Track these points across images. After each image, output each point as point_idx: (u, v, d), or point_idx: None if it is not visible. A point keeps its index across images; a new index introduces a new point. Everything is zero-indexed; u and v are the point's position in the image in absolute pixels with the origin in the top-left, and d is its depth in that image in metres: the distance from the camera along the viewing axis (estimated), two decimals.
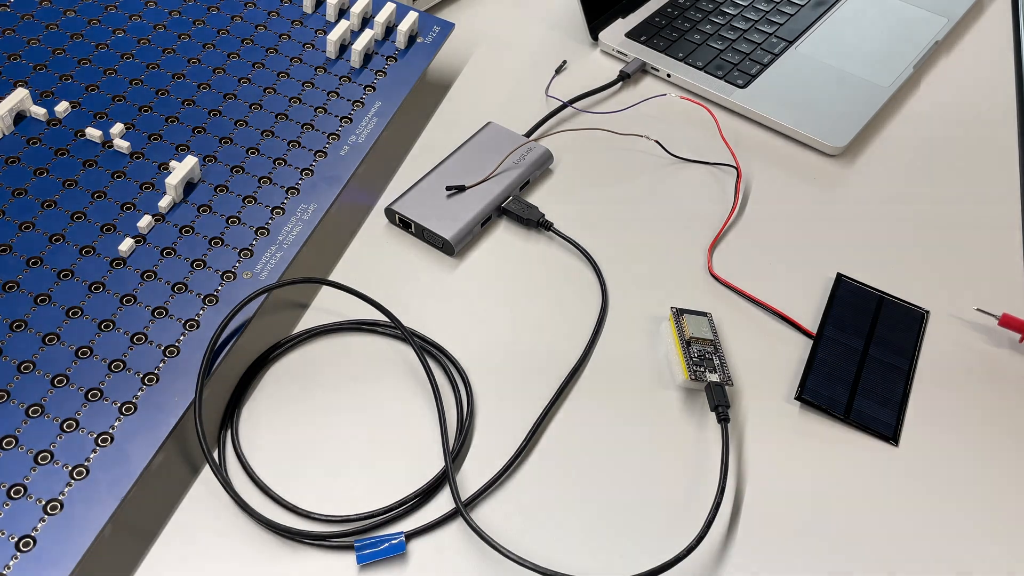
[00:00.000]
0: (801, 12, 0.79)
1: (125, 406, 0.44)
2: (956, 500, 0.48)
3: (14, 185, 0.52)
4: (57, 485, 0.41)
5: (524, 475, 0.47)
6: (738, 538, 0.45)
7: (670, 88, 0.73)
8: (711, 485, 0.47)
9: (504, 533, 0.45)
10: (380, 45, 0.65)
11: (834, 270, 0.59)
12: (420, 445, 0.48)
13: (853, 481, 0.48)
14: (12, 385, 0.44)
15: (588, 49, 0.76)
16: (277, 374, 0.50)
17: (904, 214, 0.63)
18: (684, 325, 0.53)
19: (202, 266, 0.51)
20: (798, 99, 0.70)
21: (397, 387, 0.50)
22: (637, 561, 0.44)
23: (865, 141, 0.69)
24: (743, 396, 0.52)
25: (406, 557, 0.44)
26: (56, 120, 0.56)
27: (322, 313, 0.54)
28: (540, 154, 0.63)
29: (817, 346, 0.54)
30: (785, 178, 0.65)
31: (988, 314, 0.55)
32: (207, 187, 0.54)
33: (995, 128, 0.71)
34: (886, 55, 0.75)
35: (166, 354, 0.47)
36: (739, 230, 0.61)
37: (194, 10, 0.64)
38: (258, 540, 0.44)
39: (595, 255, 0.58)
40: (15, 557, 0.39)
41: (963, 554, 0.46)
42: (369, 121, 0.60)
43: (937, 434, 0.51)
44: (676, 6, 0.79)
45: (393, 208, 0.58)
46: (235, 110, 0.59)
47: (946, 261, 0.60)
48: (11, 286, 0.48)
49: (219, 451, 0.47)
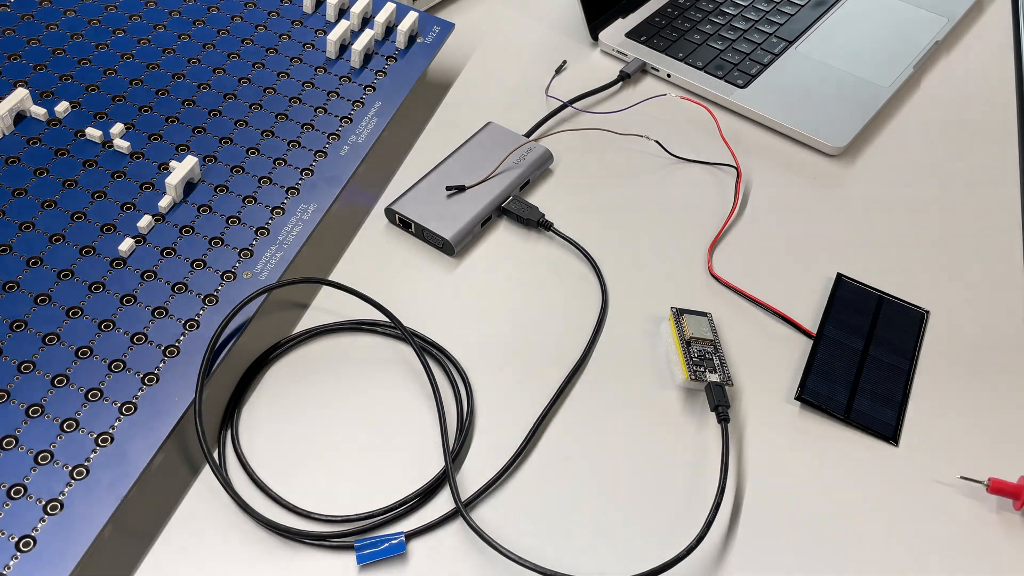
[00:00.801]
0: (801, 12, 0.79)
1: (125, 406, 0.44)
2: (956, 500, 0.48)
3: (14, 185, 0.52)
4: (57, 485, 0.41)
5: (524, 475, 0.47)
6: (738, 538, 0.45)
7: (670, 88, 0.73)
8: (711, 485, 0.47)
9: (504, 533, 0.45)
10: (380, 45, 0.65)
11: (834, 270, 0.59)
12: (420, 445, 0.48)
13: (853, 481, 0.48)
14: (12, 385, 0.44)
15: (588, 49, 0.76)
16: (277, 374, 0.50)
17: (904, 214, 0.63)
18: (684, 325, 0.53)
19: (202, 266, 0.51)
20: (798, 99, 0.70)
21: (397, 387, 0.50)
22: (637, 561, 0.44)
23: (865, 141, 0.69)
24: (743, 396, 0.52)
25: (406, 557, 0.44)
26: (56, 120, 0.56)
27: (322, 313, 0.54)
28: (540, 154, 0.63)
29: (817, 346, 0.54)
30: (785, 178, 0.65)
31: (975, 481, 0.48)
32: (207, 187, 0.54)
33: (995, 128, 0.71)
34: (886, 55, 0.75)
35: (166, 354, 0.47)
36: (739, 230, 0.61)
37: (194, 10, 0.64)
38: (258, 540, 0.44)
39: (595, 255, 0.58)
40: (15, 557, 0.39)
41: (963, 554, 0.46)
42: (369, 121, 0.60)
43: (937, 434, 0.51)
44: (676, 6, 0.79)
45: (393, 208, 0.58)
46: (235, 110, 0.59)
47: (946, 261, 0.60)
48: (11, 286, 0.48)
49: (219, 451, 0.47)
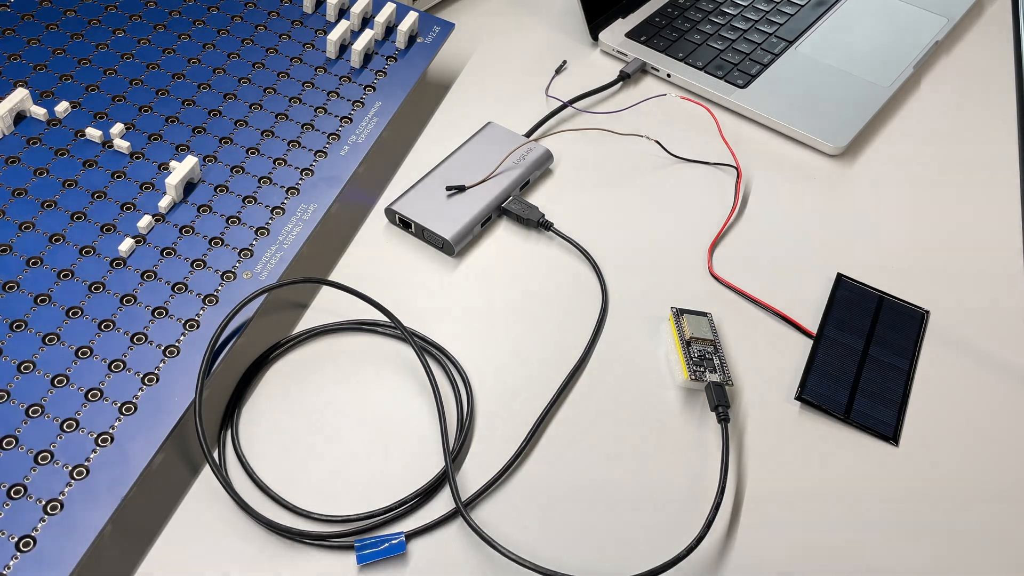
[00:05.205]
0: (801, 12, 0.79)
1: (125, 406, 0.44)
2: (956, 500, 0.48)
3: (14, 185, 0.52)
4: (57, 485, 0.41)
5: (524, 475, 0.47)
6: (738, 538, 0.45)
7: (670, 88, 0.73)
8: (711, 485, 0.47)
9: (504, 533, 0.45)
10: (380, 45, 0.65)
11: (834, 270, 0.59)
12: (420, 445, 0.48)
13: (853, 481, 0.48)
14: (12, 385, 0.44)
15: (588, 49, 0.76)
16: (277, 374, 0.50)
17: (904, 214, 0.63)
18: (684, 325, 0.53)
19: (202, 266, 0.51)
20: (798, 99, 0.70)
21: (397, 387, 0.50)
22: (637, 561, 0.44)
23: (865, 141, 0.69)
24: (743, 396, 0.52)
25: (406, 557, 0.44)
26: (56, 120, 0.56)
27: (322, 313, 0.54)
28: (540, 154, 0.63)
29: (817, 346, 0.54)
30: (785, 178, 0.65)
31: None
32: (207, 187, 0.54)
33: (995, 128, 0.71)
34: (886, 55, 0.75)
35: (166, 354, 0.47)
36: (739, 230, 0.61)
37: (194, 10, 0.64)
38: (258, 540, 0.44)
39: (595, 255, 0.58)
40: (15, 557, 0.39)
41: (963, 554, 0.46)
42: (369, 121, 0.60)
43: (937, 434, 0.51)
44: (676, 6, 0.79)
45: (393, 208, 0.58)
46: (235, 110, 0.59)
47: (946, 261, 0.60)
48: (11, 286, 0.48)
49: (219, 451, 0.47)
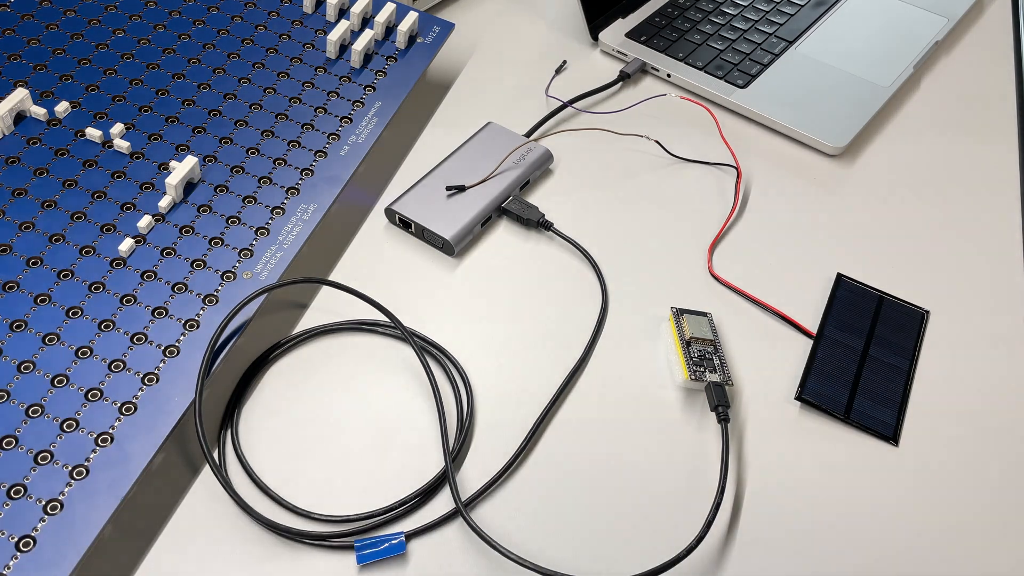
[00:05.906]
0: (801, 12, 0.79)
1: (125, 406, 0.44)
2: (956, 500, 0.48)
3: (14, 185, 0.52)
4: (57, 485, 0.41)
5: (524, 475, 0.47)
6: (738, 538, 0.45)
7: (670, 88, 0.73)
8: (711, 485, 0.47)
9: (504, 533, 0.45)
10: (380, 45, 0.65)
11: (834, 270, 0.59)
12: (420, 445, 0.48)
13: (853, 481, 0.48)
14: (12, 385, 0.44)
15: (588, 49, 0.76)
16: (277, 374, 0.50)
17: (904, 214, 0.63)
18: (684, 325, 0.53)
19: (202, 266, 0.51)
20: (798, 99, 0.70)
21: (397, 387, 0.50)
22: (637, 561, 0.44)
23: (865, 141, 0.69)
24: (743, 396, 0.52)
25: (406, 557, 0.44)
26: (56, 120, 0.56)
27: (322, 313, 0.54)
28: (540, 154, 0.63)
29: (817, 346, 0.54)
30: (785, 178, 0.65)
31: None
32: (207, 187, 0.54)
33: (995, 128, 0.71)
34: (886, 55, 0.75)
35: (166, 354, 0.47)
36: (739, 230, 0.61)
37: (194, 10, 0.64)
38: (258, 540, 0.44)
39: (595, 255, 0.58)
40: (15, 557, 0.39)
41: (963, 554, 0.46)
42: (369, 121, 0.60)
43: (937, 434, 0.51)
44: (676, 6, 0.79)
45: (393, 208, 0.58)
46: (235, 110, 0.59)
47: (946, 261, 0.60)
48: (11, 286, 0.48)
49: (219, 451, 0.47)
